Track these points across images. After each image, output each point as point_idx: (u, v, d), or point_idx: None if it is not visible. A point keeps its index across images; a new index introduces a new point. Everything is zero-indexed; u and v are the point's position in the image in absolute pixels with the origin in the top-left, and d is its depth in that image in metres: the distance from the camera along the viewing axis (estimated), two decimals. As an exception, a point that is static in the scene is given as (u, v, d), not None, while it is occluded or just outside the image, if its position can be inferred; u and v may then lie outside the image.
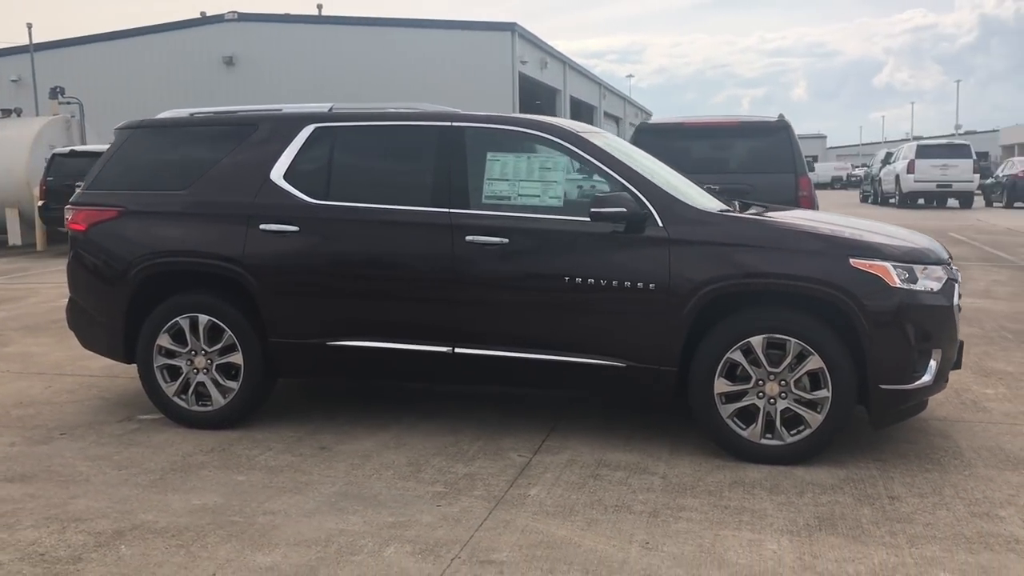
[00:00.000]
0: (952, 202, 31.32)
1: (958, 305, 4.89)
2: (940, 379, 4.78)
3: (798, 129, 9.63)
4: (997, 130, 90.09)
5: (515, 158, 5.11)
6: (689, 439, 5.07)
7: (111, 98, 34.15)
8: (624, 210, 4.73)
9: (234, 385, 5.31)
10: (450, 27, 33.95)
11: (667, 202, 4.87)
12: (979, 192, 32.62)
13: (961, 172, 30.00)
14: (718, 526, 3.94)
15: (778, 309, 4.71)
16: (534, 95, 38.60)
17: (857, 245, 4.72)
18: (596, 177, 5.05)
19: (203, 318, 5.30)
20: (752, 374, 4.70)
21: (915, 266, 4.69)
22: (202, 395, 5.39)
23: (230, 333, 5.27)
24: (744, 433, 4.73)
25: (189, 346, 5.34)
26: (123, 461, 4.85)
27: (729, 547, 3.72)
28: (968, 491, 4.34)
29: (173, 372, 5.42)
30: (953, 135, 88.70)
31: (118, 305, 5.45)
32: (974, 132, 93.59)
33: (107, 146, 6.17)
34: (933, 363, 4.70)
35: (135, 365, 5.55)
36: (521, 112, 35.14)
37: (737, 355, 4.69)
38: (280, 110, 5.59)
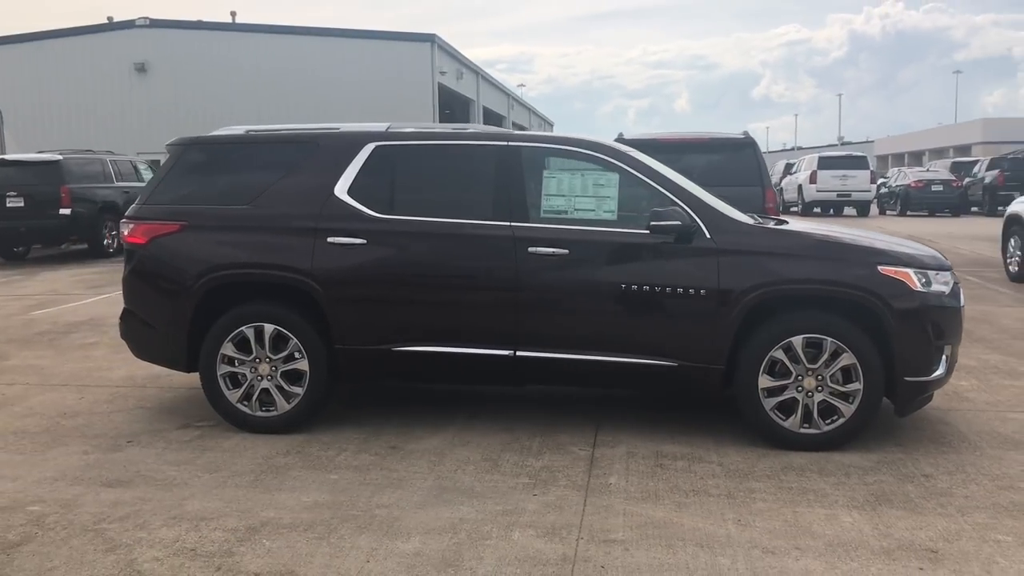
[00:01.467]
0: (849, 210, 33.07)
1: (963, 306, 5.54)
2: (949, 372, 5.41)
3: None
4: (872, 141, 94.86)
5: (570, 175, 5.53)
6: (726, 431, 5.57)
7: (20, 104, 32.99)
8: (679, 223, 5.22)
9: (299, 390, 5.56)
10: (370, 37, 34.05)
11: (712, 215, 5.37)
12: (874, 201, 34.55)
13: (859, 182, 31.74)
14: (792, 504, 4.43)
15: (815, 311, 5.25)
16: (450, 105, 38.97)
17: (883, 254, 5.31)
18: (643, 192, 5.51)
19: (269, 327, 5.53)
20: (792, 370, 5.23)
21: (930, 272, 5.31)
22: (265, 401, 5.61)
23: (296, 341, 5.52)
24: (785, 423, 5.25)
25: (254, 354, 5.57)
26: (208, 465, 5.06)
27: (811, 521, 4.22)
28: (986, 468, 4.96)
29: (235, 379, 5.63)
30: (836, 146, 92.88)
31: (182, 316, 5.63)
32: (850, 143, 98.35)
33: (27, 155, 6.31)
34: (945, 357, 5.33)
35: (171, 373, 5.72)
36: (440, 122, 35.49)
37: (779, 353, 5.21)
38: (338, 129, 5.87)
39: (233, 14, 38.24)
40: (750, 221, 5.60)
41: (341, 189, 5.59)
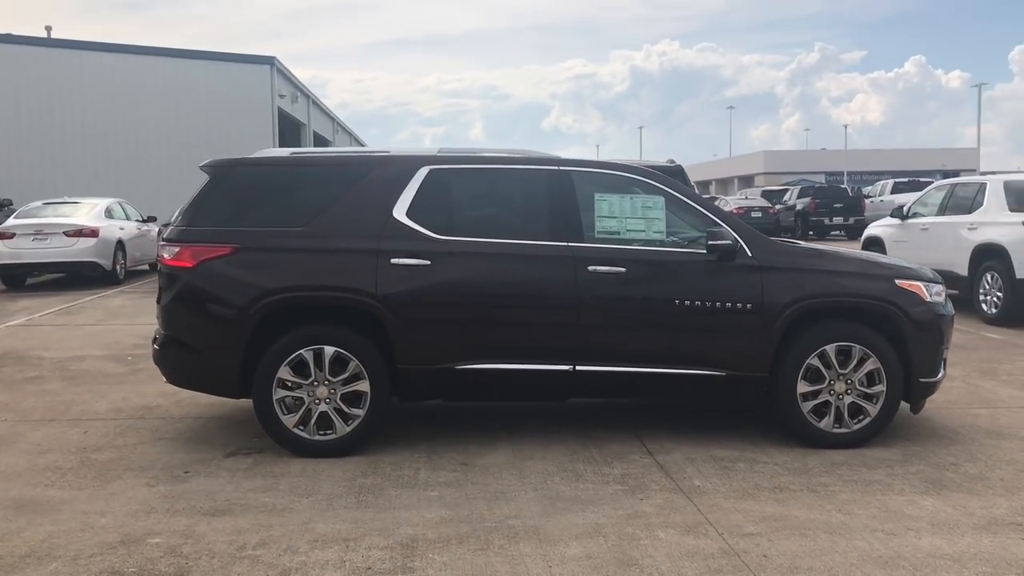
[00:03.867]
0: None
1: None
2: (945, 373, 6.14)
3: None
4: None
5: (619, 198, 5.86)
6: (755, 433, 6.03)
7: None
8: (730, 242, 5.66)
9: (359, 412, 5.55)
10: (208, 58, 32.82)
11: (751, 235, 5.85)
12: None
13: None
14: (869, 494, 4.92)
15: (845, 322, 5.82)
16: (283, 128, 38.19)
17: (899, 269, 5.98)
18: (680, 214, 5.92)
19: (329, 349, 5.50)
20: (826, 375, 5.77)
21: (932, 285, 6.01)
22: (321, 425, 5.56)
23: (356, 362, 5.52)
24: (820, 424, 5.78)
25: (312, 377, 5.51)
26: (294, 490, 4.98)
27: (899, 506, 4.72)
28: (995, 455, 5.66)
29: (291, 404, 5.55)
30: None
31: (236, 340, 5.49)
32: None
33: None
34: (944, 360, 6.05)
35: (163, 403, 5.60)
36: (285, 145, 34.76)
37: (815, 360, 5.74)
38: (388, 152, 5.93)
39: (48, 28, 35.84)
40: (779, 240, 6.12)
41: (400, 211, 5.66)
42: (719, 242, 5.64)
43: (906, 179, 38.67)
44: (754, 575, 3.85)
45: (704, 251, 5.76)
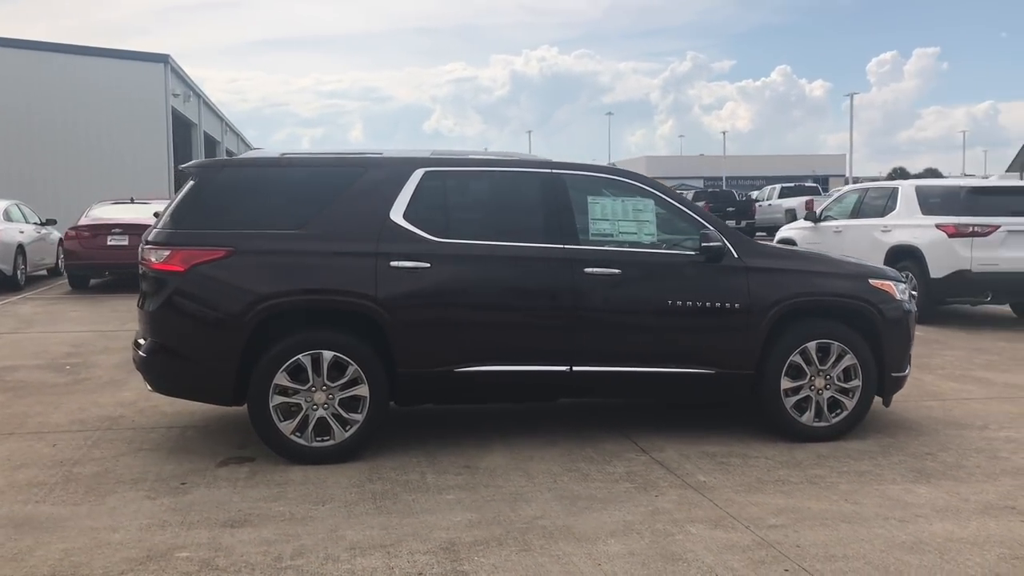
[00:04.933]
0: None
1: None
2: (910, 368, 6.47)
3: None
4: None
5: (612, 201, 5.95)
6: (734, 428, 6.21)
7: None
8: (719, 244, 5.83)
9: (357, 417, 5.47)
10: (99, 55, 31.37)
11: (736, 237, 6.03)
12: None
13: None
14: (867, 484, 5.15)
15: (824, 320, 6.06)
16: (174, 128, 36.92)
17: (870, 269, 6.28)
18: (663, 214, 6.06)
19: (327, 354, 5.40)
20: (807, 372, 6.00)
21: (899, 283, 6.33)
22: (319, 431, 5.46)
23: (355, 367, 5.43)
24: (801, 419, 6.00)
25: (310, 383, 5.40)
26: (307, 498, 4.87)
27: (897, 495, 4.95)
28: (964, 445, 5.98)
29: (287, 410, 5.43)
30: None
31: (231, 346, 5.33)
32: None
33: None
34: (910, 355, 6.38)
35: (122, 413, 5.42)
36: (175, 144, 33.64)
37: (797, 357, 5.97)
38: (381, 154, 5.85)
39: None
40: (760, 242, 6.33)
41: (397, 213, 5.61)
42: (711, 243, 5.79)
43: (792, 184, 40.40)
44: (797, 564, 3.99)
45: (692, 252, 5.92)
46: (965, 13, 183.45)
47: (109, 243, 15.52)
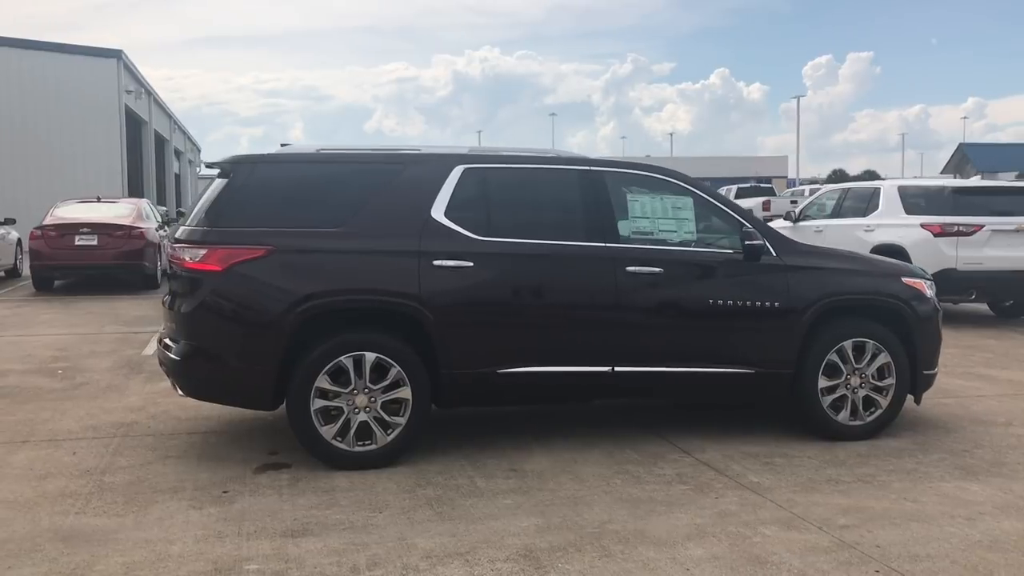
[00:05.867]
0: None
1: None
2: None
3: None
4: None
5: (651, 198, 5.88)
6: (765, 429, 6.18)
7: None
8: (761, 242, 5.79)
9: (400, 421, 5.32)
10: (51, 49, 30.50)
11: (775, 236, 6.00)
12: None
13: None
14: (918, 482, 5.15)
15: (860, 319, 6.06)
16: (127, 125, 36.12)
17: (903, 268, 6.29)
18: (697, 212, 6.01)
19: (370, 355, 5.24)
20: (843, 370, 5.99)
21: (928, 282, 6.36)
22: (360, 435, 5.29)
23: (398, 369, 5.28)
24: (838, 418, 5.99)
25: (352, 385, 5.23)
26: (361, 504, 4.70)
27: (952, 492, 4.96)
28: (996, 442, 6.02)
29: (327, 414, 5.26)
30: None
31: (272, 348, 5.14)
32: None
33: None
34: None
35: (137, 418, 5.24)
36: (127, 143, 32.85)
37: (834, 356, 5.95)
38: (419, 150, 5.70)
39: None
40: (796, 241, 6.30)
41: (438, 211, 5.47)
42: (754, 242, 5.75)
43: (748, 184, 40.89)
44: (885, 565, 3.95)
45: (731, 251, 5.87)
46: (897, 19, 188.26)
47: (77, 243, 15.04)
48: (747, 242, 5.76)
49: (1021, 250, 11.66)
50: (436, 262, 5.35)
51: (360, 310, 5.36)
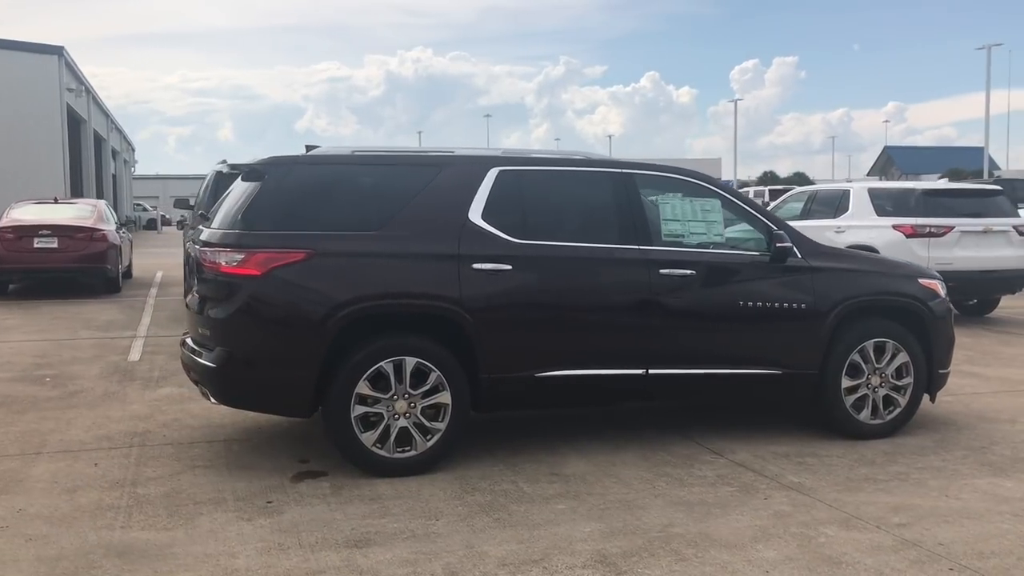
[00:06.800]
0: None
1: None
2: None
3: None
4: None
5: (680, 201, 5.90)
6: (788, 429, 6.25)
7: None
8: (789, 244, 5.85)
9: (439, 426, 5.25)
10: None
11: (799, 238, 6.07)
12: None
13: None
14: (952, 479, 5.25)
15: (880, 319, 6.16)
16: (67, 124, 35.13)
17: (919, 269, 6.43)
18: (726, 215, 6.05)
19: (410, 360, 5.16)
20: (864, 370, 6.09)
21: (941, 283, 6.50)
22: (400, 441, 5.21)
23: (438, 373, 5.21)
24: (859, 417, 6.09)
25: (392, 391, 5.15)
26: (410, 513, 4.62)
27: (989, 489, 5.06)
28: (1010, 439, 6.17)
29: (367, 421, 5.16)
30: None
31: (312, 354, 5.03)
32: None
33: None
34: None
35: (149, 425, 5.13)
36: (68, 141, 31.93)
37: (856, 356, 6.05)
38: (453, 152, 5.64)
39: None
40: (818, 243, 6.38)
41: (475, 213, 5.41)
42: (784, 244, 5.81)
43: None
44: (957, 563, 4.01)
45: (757, 252, 5.93)
46: (821, 25, 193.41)
47: (37, 245, 14.55)
48: (778, 244, 5.82)
49: (989, 250, 12.04)
50: (475, 265, 5.30)
51: (400, 314, 5.27)
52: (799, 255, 5.97)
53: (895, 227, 12.20)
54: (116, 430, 6.28)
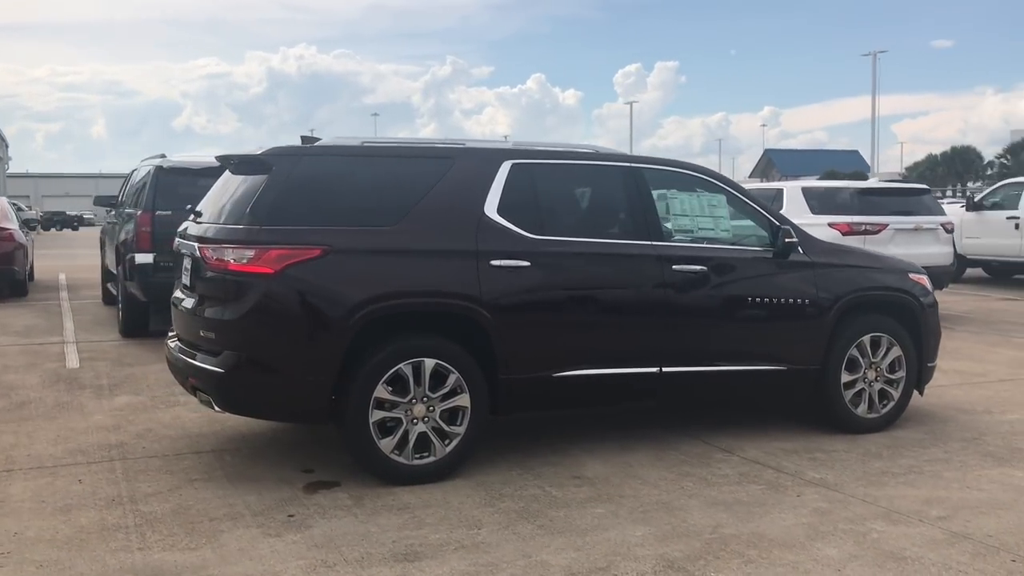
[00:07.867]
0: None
1: None
2: None
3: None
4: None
5: (688, 196, 5.82)
6: (784, 425, 6.26)
7: None
8: (796, 240, 5.84)
9: (458, 430, 5.03)
10: None
11: (802, 234, 6.07)
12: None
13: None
14: (962, 470, 5.33)
15: (877, 313, 6.23)
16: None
17: (907, 264, 6.53)
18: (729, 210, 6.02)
19: (429, 362, 4.92)
20: (861, 364, 6.14)
21: (926, 277, 6.62)
22: (418, 447, 4.97)
23: (457, 375, 4.99)
24: (857, 411, 6.14)
25: (411, 394, 4.90)
26: (446, 523, 4.39)
27: (1003, 479, 5.15)
28: (993, 429, 6.31)
29: (385, 426, 4.90)
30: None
31: (331, 356, 4.73)
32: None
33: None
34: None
35: (133, 434, 4.85)
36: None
37: (854, 351, 6.10)
38: (463, 144, 5.40)
39: None
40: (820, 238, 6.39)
41: (491, 208, 5.20)
42: (790, 240, 5.80)
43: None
44: (1016, 554, 4.03)
45: (761, 248, 5.91)
46: (700, 31, 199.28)
47: None
48: (785, 240, 5.80)
49: (919, 247, 12.41)
50: (494, 262, 5.09)
51: (420, 313, 5.02)
52: (801, 251, 5.97)
53: (831, 225, 12.45)
54: (87, 443, 5.81)
